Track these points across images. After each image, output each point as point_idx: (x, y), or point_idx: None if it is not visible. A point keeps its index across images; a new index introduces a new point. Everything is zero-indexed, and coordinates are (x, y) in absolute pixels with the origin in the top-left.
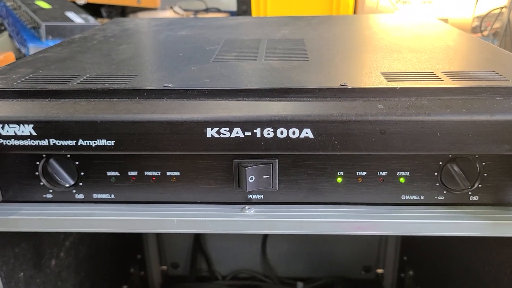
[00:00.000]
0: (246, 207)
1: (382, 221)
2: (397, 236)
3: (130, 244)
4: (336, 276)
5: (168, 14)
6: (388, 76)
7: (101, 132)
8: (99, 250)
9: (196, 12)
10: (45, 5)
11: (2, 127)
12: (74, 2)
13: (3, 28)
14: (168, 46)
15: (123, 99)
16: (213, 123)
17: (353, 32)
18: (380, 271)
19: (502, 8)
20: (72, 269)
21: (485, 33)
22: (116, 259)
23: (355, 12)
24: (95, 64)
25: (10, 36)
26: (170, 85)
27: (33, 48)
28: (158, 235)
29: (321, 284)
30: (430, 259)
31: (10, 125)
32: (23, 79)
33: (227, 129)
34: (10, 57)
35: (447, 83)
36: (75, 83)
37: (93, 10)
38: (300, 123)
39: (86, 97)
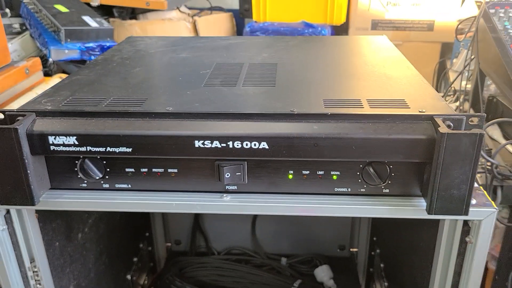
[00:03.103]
0: (224, 195)
1: (321, 206)
2: (368, 220)
3: (140, 223)
4: (315, 253)
5: (174, 14)
6: (327, 103)
7: (122, 142)
8: (114, 228)
9: (201, 10)
10: (63, 9)
11: (55, 138)
12: (89, 4)
13: (24, 28)
14: (171, 69)
15: (138, 119)
16: (200, 137)
17: (316, 57)
18: (354, 249)
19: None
20: (94, 242)
21: (460, 37)
22: (128, 236)
23: (348, 13)
24: (116, 88)
25: (31, 36)
26: (170, 109)
27: (54, 50)
28: (164, 217)
29: (302, 259)
30: (390, 239)
31: (60, 137)
32: (66, 101)
33: (209, 141)
34: (37, 62)
35: (366, 110)
36: (103, 105)
37: (106, 10)
38: (259, 138)
39: (111, 117)
